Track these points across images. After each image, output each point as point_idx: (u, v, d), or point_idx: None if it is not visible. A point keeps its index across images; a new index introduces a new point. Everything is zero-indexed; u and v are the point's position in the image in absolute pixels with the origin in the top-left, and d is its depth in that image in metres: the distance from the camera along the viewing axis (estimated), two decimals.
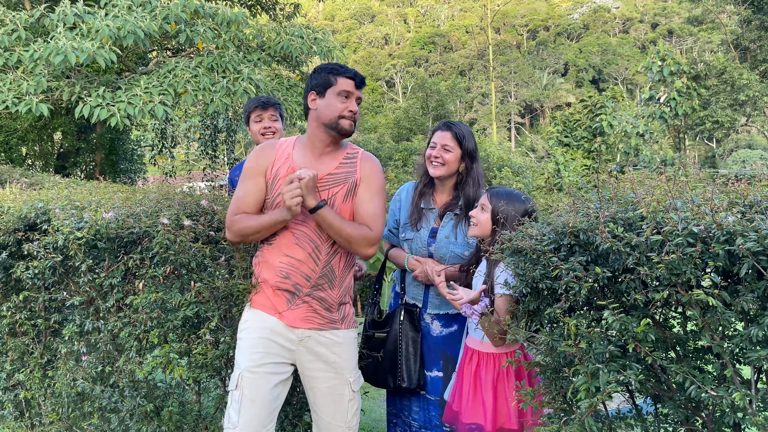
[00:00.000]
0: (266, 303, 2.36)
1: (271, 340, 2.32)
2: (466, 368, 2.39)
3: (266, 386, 2.28)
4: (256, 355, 2.30)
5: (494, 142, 28.07)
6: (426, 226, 2.77)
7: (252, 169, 2.36)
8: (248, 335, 2.34)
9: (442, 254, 2.71)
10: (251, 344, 2.32)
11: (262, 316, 2.35)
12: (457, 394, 2.39)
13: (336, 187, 2.34)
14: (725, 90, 22.58)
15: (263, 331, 2.32)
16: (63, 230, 2.81)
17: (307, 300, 2.33)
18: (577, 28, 74.62)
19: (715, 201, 1.67)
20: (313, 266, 2.31)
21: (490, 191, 2.45)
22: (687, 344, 1.84)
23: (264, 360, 2.29)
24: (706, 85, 22.00)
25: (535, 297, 2.04)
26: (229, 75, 9.15)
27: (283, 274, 2.31)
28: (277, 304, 2.34)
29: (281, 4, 16.31)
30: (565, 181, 14.54)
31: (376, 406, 4.28)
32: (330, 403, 2.38)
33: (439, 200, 2.81)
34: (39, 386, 3.34)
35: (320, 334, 2.36)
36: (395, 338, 2.72)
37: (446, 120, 2.83)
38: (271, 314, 2.34)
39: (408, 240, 2.80)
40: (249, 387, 2.26)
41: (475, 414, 2.29)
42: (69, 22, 8.44)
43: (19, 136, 14.49)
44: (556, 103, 59.96)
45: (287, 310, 2.33)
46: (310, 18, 64.19)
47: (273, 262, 2.33)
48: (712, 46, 43.70)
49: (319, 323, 2.35)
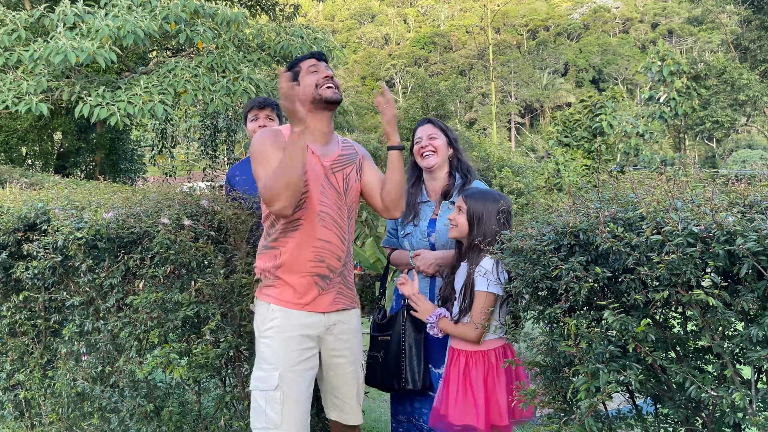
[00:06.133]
0: (290, 297, 2.34)
1: (303, 336, 2.34)
2: (452, 370, 2.38)
3: (305, 383, 2.33)
4: (293, 354, 2.31)
5: (494, 142, 28.06)
6: (424, 218, 2.81)
7: (270, 145, 2.30)
8: (279, 334, 2.32)
9: (443, 242, 2.74)
10: (285, 343, 2.31)
11: (288, 313, 2.33)
12: (444, 396, 2.37)
13: (348, 167, 2.46)
14: (725, 90, 22.58)
15: (294, 328, 2.33)
16: (63, 230, 2.81)
17: (338, 281, 2.41)
18: (577, 28, 74.63)
19: (715, 201, 1.66)
20: (342, 246, 2.40)
21: (465, 193, 2.50)
22: (687, 344, 1.84)
23: (301, 357, 2.32)
24: (706, 85, 21.99)
25: (534, 297, 2.04)
26: (229, 75, 9.15)
27: (319, 257, 2.34)
28: (305, 294, 2.34)
29: (281, 5, 16.31)
30: (565, 181, 14.54)
31: (376, 406, 4.28)
32: (352, 388, 2.48)
33: (432, 192, 2.85)
34: (39, 386, 3.34)
35: (343, 316, 2.44)
36: (398, 340, 2.72)
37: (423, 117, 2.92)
38: (298, 309, 2.34)
39: (408, 234, 2.83)
40: (290, 386, 2.28)
41: (467, 415, 2.28)
42: (69, 22, 8.44)
43: (19, 136, 14.48)
44: (556, 103, 59.96)
45: (318, 297, 2.35)
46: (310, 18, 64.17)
47: (303, 248, 2.33)
48: (712, 46, 43.71)
49: (344, 303, 2.45)
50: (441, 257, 2.69)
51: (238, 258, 2.62)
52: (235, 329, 2.63)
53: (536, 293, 2.02)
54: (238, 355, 2.73)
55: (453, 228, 2.48)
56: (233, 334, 2.61)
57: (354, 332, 2.50)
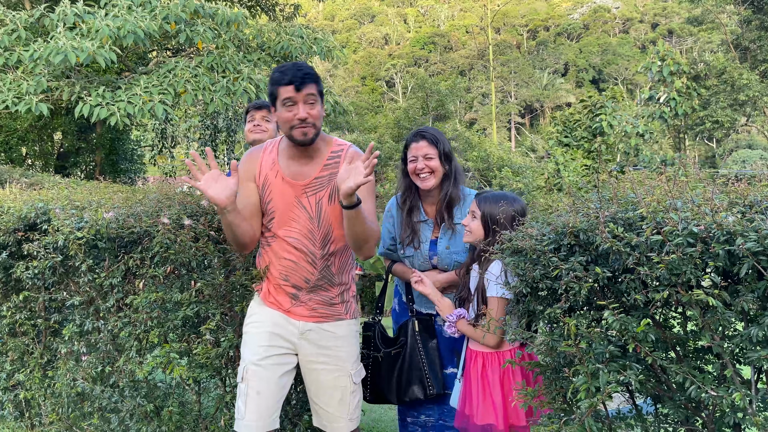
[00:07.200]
0: (271, 299, 2.42)
1: (275, 333, 2.38)
2: (472, 371, 2.40)
3: (272, 378, 2.34)
4: (260, 348, 2.35)
5: (494, 142, 28.07)
6: (425, 240, 2.76)
7: (243, 174, 2.37)
8: (253, 329, 2.41)
9: (445, 265, 2.73)
10: (256, 338, 2.38)
11: (266, 310, 2.42)
12: (467, 398, 2.39)
13: (321, 191, 2.32)
14: (725, 90, 22.58)
15: (267, 324, 2.39)
16: (63, 230, 2.81)
17: (309, 299, 2.39)
18: (577, 28, 74.60)
19: (715, 201, 1.66)
20: (311, 269, 2.35)
21: (478, 197, 2.47)
22: (687, 344, 1.84)
23: (268, 352, 2.35)
24: (706, 85, 21.99)
25: (534, 297, 2.04)
26: (229, 75, 9.15)
27: (283, 276, 2.37)
28: (282, 302, 2.40)
29: (281, 5, 16.31)
30: (565, 181, 14.54)
31: (376, 406, 4.28)
32: (333, 395, 2.42)
33: (430, 210, 2.79)
34: (39, 386, 3.34)
35: (322, 326, 2.41)
36: (414, 350, 2.71)
37: (414, 130, 2.79)
38: (276, 309, 2.41)
39: (409, 257, 2.79)
40: (254, 379, 2.32)
41: (487, 415, 2.30)
42: (69, 22, 8.44)
43: (19, 136, 14.47)
44: (556, 103, 59.93)
45: (292, 306, 2.40)
46: (310, 18, 64.19)
47: (274, 262, 2.39)
48: (712, 46, 43.68)
49: (322, 316, 2.41)
50: (444, 282, 2.69)
51: (238, 259, 2.61)
52: (236, 328, 2.63)
53: (536, 293, 2.02)
54: (238, 355, 2.72)
55: (467, 234, 2.47)
56: (233, 334, 2.61)
57: (341, 341, 2.43)
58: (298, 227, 2.33)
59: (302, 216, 2.32)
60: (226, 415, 2.72)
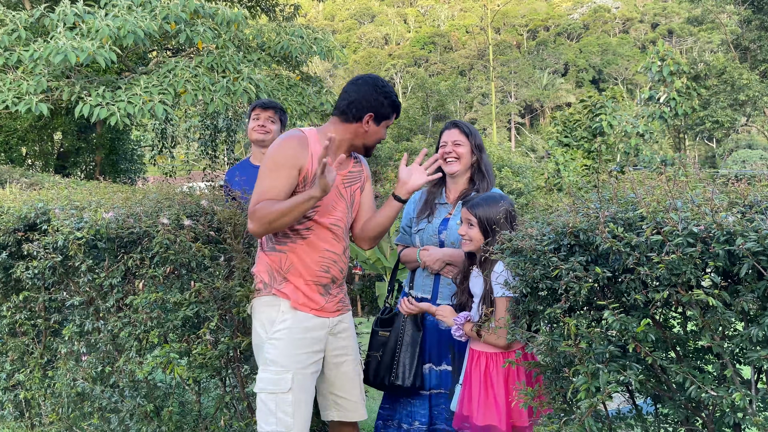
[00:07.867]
0: (300, 300, 2.36)
1: (313, 338, 2.38)
2: (474, 372, 2.39)
3: (311, 385, 2.38)
4: (303, 356, 2.34)
5: (494, 142, 28.06)
6: (438, 217, 2.85)
7: (287, 160, 2.28)
8: (289, 335, 2.32)
9: (453, 240, 2.76)
10: (295, 345, 2.32)
11: (299, 315, 2.35)
12: (467, 398, 2.39)
13: (355, 184, 2.51)
14: (725, 90, 22.59)
15: (304, 330, 2.36)
16: (63, 230, 2.81)
17: (337, 292, 2.47)
18: (577, 28, 74.60)
19: (715, 201, 1.66)
20: (345, 259, 2.47)
21: (467, 204, 2.46)
22: (687, 344, 1.84)
23: (310, 360, 2.36)
24: (706, 85, 21.99)
25: (534, 297, 2.04)
26: (229, 75, 9.15)
27: (324, 268, 2.38)
28: (316, 300, 2.38)
29: (281, 5, 16.31)
30: (565, 181, 14.53)
31: (376, 406, 4.28)
32: (355, 383, 2.53)
33: (452, 196, 2.88)
34: (39, 386, 3.34)
35: (343, 319, 2.51)
36: (396, 337, 2.73)
37: (450, 120, 2.93)
38: (307, 311, 2.37)
39: (420, 230, 2.86)
40: (300, 388, 2.31)
41: (489, 415, 2.29)
42: (69, 22, 8.43)
43: (19, 136, 14.46)
44: (556, 103, 59.91)
45: (324, 305, 2.42)
46: (310, 18, 64.15)
47: (311, 256, 2.35)
48: (712, 46, 43.70)
49: (345, 308, 2.53)
50: (448, 255, 2.72)
51: (237, 259, 2.61)
52: (235, 329, 2.63)
53: (536, 293, 2.02)
54: (238, 355, 2.72)
55: (467, 243, 2.46)
56: (232, 335, 2.61)
57: (352, 331, 2.59)
58: (339, 215, 2.42)
59: (341, 205, 2.44)
60: (226, 415, 2.72)
